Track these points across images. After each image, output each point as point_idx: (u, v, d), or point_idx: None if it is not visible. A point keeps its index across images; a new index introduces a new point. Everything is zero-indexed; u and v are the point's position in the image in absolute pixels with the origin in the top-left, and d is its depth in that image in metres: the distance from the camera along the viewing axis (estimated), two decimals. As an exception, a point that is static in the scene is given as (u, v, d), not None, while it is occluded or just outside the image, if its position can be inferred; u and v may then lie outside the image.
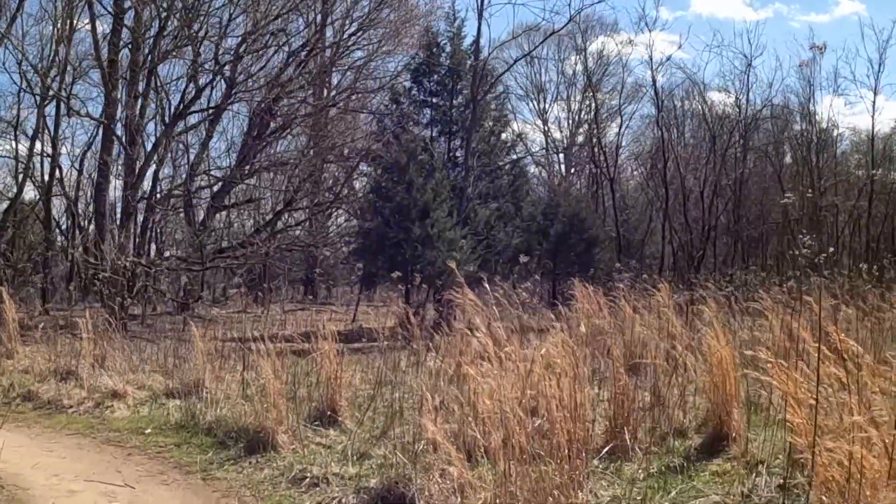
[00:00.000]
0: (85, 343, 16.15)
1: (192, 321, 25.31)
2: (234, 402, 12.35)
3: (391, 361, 16.70)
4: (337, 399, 11.46)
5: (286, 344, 15.64)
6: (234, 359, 16.77)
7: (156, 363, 16.62)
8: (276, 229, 33.21)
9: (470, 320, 18.81)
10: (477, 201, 29.41)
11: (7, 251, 25.03)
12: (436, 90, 31.91)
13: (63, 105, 28.10)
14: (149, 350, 18.74)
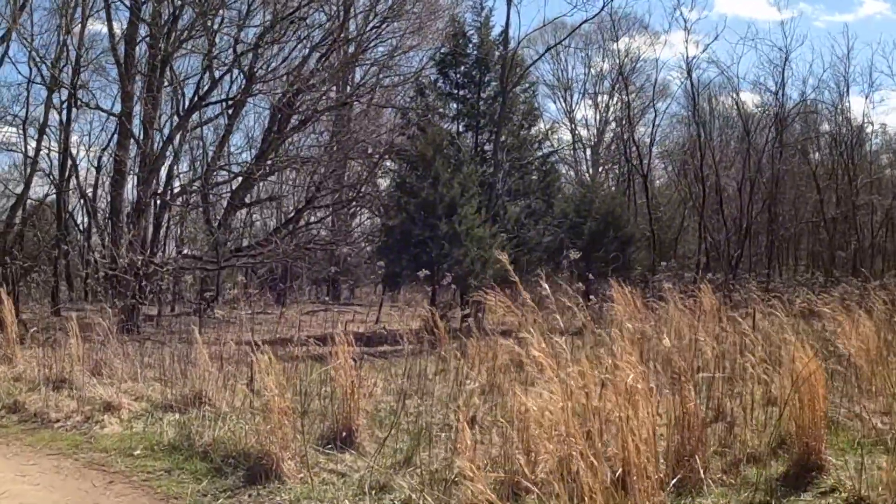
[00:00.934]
0: (74, 348, 14.48)
1: (209, 322, 24.07)
2: (238, 420, 10.72)
3: (416, 368, 15.18)
4: (354, 417, 9.78)
5: (303, 348, 14.14)
6: (244, 365, 15.27)
7: (159, 370, 14.99)
8: (297, 228, 31.66)
9: (501, 323, 17.22)
10: (506, 198, 27.76)
11: (13, 249, 23.47)
12: (462, 82, 30.29)
13: (75, 98, 26.45)
14: (155, 354, 17.14)
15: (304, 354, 14.61)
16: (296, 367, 13.50)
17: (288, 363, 14.20)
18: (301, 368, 13.46)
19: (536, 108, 34.04)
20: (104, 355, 15.51)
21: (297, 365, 13.68)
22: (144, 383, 13.85)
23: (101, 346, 15.68)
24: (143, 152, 24.70)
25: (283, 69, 28.81)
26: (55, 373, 14.16)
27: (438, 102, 30.76)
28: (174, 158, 26.56)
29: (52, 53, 27.02)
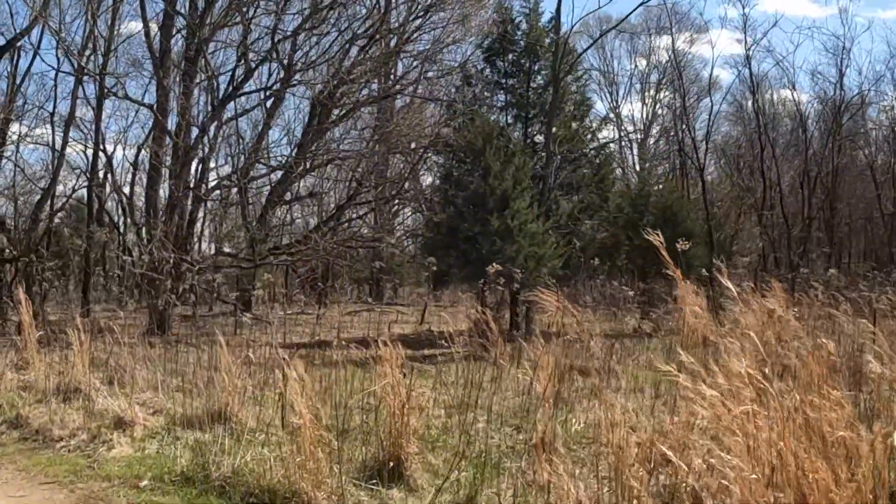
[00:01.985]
0: (79, 354, 12.77)
1: (246, 323, 22.41)
2: (265, 442, 8.96)
3: (468, 374, 13.38)
4: (403, 443, 7.93)
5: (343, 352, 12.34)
6: (278, 371, 13.57)
7: (184, 377, 13.24)
8: (338, 225, 29.98)
9: (554, 324, 15.30)
10: (558, 192, 25.89)
11: (39, 247, 21.86)
12: (511, 71, 28.48)
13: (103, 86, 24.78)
14: (182, 359, 15.43)
15: (344, 359, 12.90)
16: (334, 375, 11.79)
17: (325, 370, 12.56)
18: (341, 377, 11.75)
19: (588, 99, 32.18)
20: (125, 361, 13.84)
21: (335, 373, 11.95)
22: (165, 394, 12.13)
23: (123, 350, 14.04)
24: (176, 144, 23.02)
25: (322, 61, 27.07)
26: (66, 381, 12.43)
27: (485, 92, 28.89)
28: (209, 151, 24.81)
29: (79, 42, 25.43)
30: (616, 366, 14.75)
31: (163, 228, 21.48)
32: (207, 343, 19.13)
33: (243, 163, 26.20)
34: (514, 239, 20.08)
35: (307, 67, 26.52)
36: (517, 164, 21.37)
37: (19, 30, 24.59)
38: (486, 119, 22.87)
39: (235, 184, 25.63)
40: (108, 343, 14.23)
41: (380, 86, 30.88)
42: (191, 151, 23.36)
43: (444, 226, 21.29)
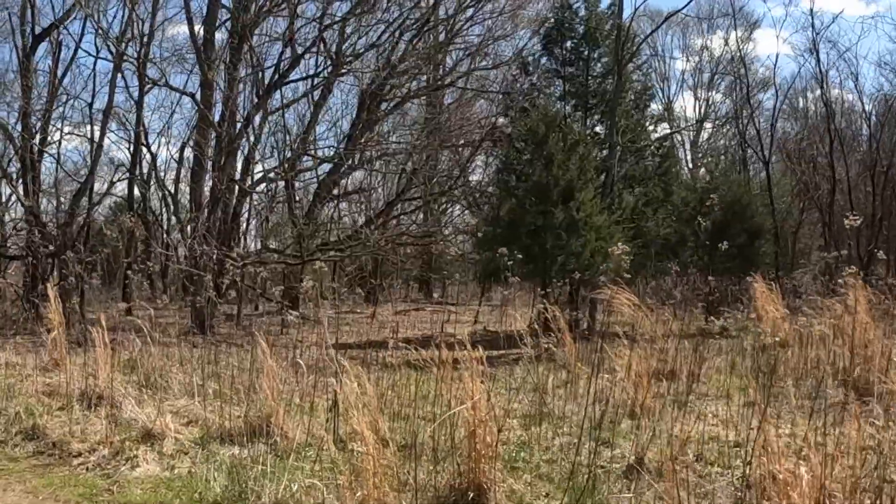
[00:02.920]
0: (102, 357, 11.30)
1: (293, 322, 21.05)
2: (314, 465, 7.44)
3: (537, 378, 12.25)
4: (486, 467, 6.33)
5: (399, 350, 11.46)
6: (329, 376, 12.15)
7: (223, 382, 11.75)
8: (387, 221, 28.53)
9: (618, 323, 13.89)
10: (620, 185, 24.19)
11: (76, 242, 20.45)
12: (569, 59, 26.76)
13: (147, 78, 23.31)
14: (224, 361, 13.97)
15: (401, 362, 11.40)
16: (392, 379, 10.36)
17: (382, 374, 11.88)
18: (401, 382, 10.31)
19: (650, 88, 30.44)
20: (161, 363, 12.38)
21: (392, 377, 10.50)
22: (202, 402, 10.59)
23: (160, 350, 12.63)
24: (220, 135, 21.59)
25: (371, 52, 25.75)
26: (92, 386, 10.93)
27: (543, 81, 27.26)
28: (254, 143, 23.40)
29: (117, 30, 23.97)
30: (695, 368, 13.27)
31: (204, 222, 20.08)
32: (251, 343, 17.75)
33: (290, 155, 24.75)
34: (579, 232, 18.48)
35: (355, 58, 25.06)
36: (581, 153, 19.75)
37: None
38: (549, 104, 21.19)
39: (282, 176, 24.18)
40: (144, 343, 12.76)
41: (428, 79, 29.46)
42: (235, 141, 21.93)
43: (504, 219, 19.71)
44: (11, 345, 16.40)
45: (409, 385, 11.30)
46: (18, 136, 21.47)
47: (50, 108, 23.65)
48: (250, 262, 21.45)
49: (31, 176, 21.05)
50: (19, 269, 25.39)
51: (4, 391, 11.37)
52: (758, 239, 24.68)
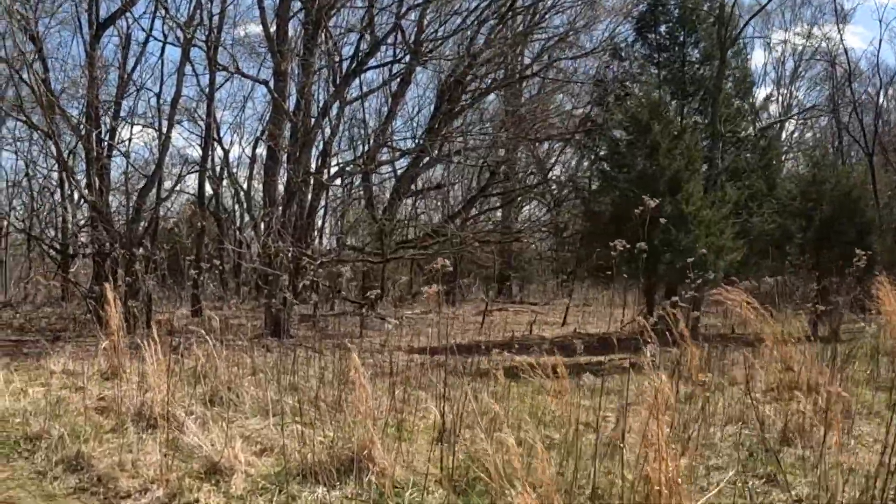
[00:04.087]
0: (155, 370, 9.55)
1: (372, 324, 20.34)
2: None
3: (652, 391, 9.83)
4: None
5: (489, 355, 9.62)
6: (425, 389, 11.00)
7: (303, 397, 10.01)
8: (467, 218, 26.83)
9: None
10: (722, 177, 22.10)
11: (143, 240, 18.89)
12: (664, 44, 24.64)
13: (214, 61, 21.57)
14: (303, 370, 12.22)
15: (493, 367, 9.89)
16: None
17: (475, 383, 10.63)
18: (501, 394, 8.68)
19: (750, 75, 28.23)
20: (230, 372, 10.65)
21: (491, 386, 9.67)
22: (279, 423, 8.78)
23: (230, 357, 10.94)
24: (295, 125, 19.91)
25: (450, 44, 24.21)
26: (150, 403, 9.19)
27: (636, 68, 25.23)
28: (331, 134, 21.74)
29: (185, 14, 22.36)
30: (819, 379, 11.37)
31: (279, 217, 18.42)
32: (331, 348, 16.05)
33: (368, 148, 23.07)
34: (688, 227, 16.50)
35: (435, 47, 23.30)
36: (688, 141, 17.75)
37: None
38: (651, 89, 19.16)
39: (361, 169, 22.46)
40: (212, 349, 11.06)
41: (507, 71, 27.66)
42: (312, 131, 20.25)
43: (604, 214, 17.78)
44: (71, 348, 14.76)
45: (513, 398, 9.62)
46: (84, 128, 19.91)
47: (119, 97, 22.07)
48: (330, 261, 19.78)
49: (95, 170, 19.47)
50: (85, 268, 24.08)
51: (52, 406, 9.69)
52: (868, 235, 22.47)
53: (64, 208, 24.39)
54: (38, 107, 18.50)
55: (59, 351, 14.41)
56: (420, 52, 22.91)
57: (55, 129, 18.67)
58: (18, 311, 20.45)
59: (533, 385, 9.83)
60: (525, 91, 30.44)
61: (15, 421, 9.32)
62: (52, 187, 28.41)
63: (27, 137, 28.65)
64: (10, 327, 18.98)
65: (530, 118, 25.77)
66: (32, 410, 9.57)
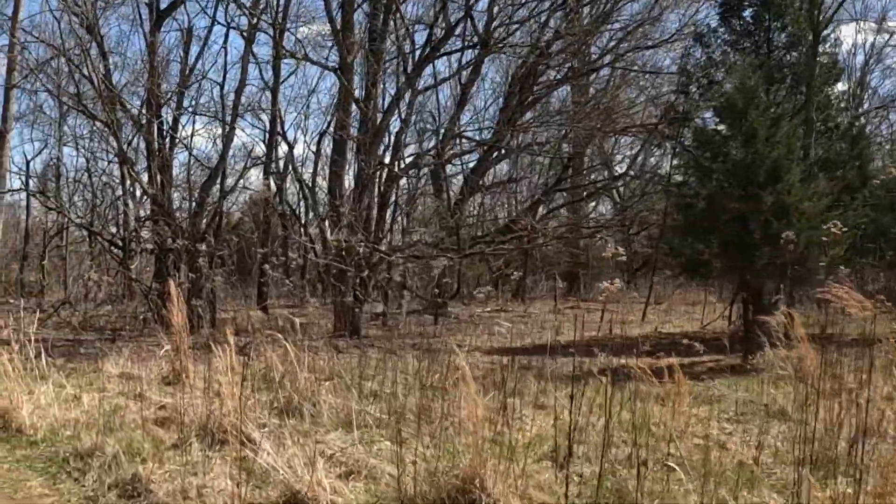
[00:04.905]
0: (226, 378, 8.31)
1: (446, 322, 19.53)
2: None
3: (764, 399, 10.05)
4: None
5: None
6: (521, 397, 9.91)
7: (388, 403, 8.81)
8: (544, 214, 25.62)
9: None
10: (815, 167, 20.66)
11: (206, 234, 17.78)
12: (749, 29, 23.22)
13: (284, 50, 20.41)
14: (381, 373, 11.00)
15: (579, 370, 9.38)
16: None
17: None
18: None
19: (840, 62, 26.74)
20: (304, 377, 9.43)
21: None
22: (364, 438, 7.53)
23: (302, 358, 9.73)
24: (364, 114, 18.72)
25: (521, 33, 23.16)
26: (217, 414, 7.98)
27: (718, 54, 23.84)
28: (402, 124, 20.53)
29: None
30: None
31: (351, 210, 17.25)
32: (406, 349, 14.88)
33: (438, 139, 21.84)
34: (790, 220, 15.06)
35: (508, 33, 22.00)
36: (786, 128, 16.28)
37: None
38: (747, 72, 17.73)
39: (437, 160, 21.25)
40: (283, 350, 9.89)
41: (578, 62, 26.25)
42: (385, 120, 19.08)
43: (697, 206, 16.36)
44: (131, 350, 13.59)
45: (610, 405, 8.37)
46: (144, 117, 18.88)
47: (181, 87, 20.97)
48: (406, 257, 18.59)
49: (157, 163, 18.39)
50: (146, 264, 23.09)
51: (107, 417, 8.51)
52: None
53: (125, 203, 23.43)
54: (99, 101, 17.57)
55: (117, 352, 13.35)
56: (490, 41, 21.66)
57: (115, 121, 17.61)
58: (77, 308, 19.41)
59: (629, 390, 8.53)
60: (594, 84, 29.13)
61: (65, 434, 8.16)
62: (113, 183, 27.60)
63: (88, 135, 28.17)
64: (69, 326, 17.97)
65: (605, 109, 24.37)
66: (85, 421, 8.41)
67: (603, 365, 13.28)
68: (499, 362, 13.91)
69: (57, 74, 21.02)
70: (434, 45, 19.99)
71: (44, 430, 8.22)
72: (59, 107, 28.10)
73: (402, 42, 21.18)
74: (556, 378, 11.41)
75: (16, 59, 23.63)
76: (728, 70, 22.26)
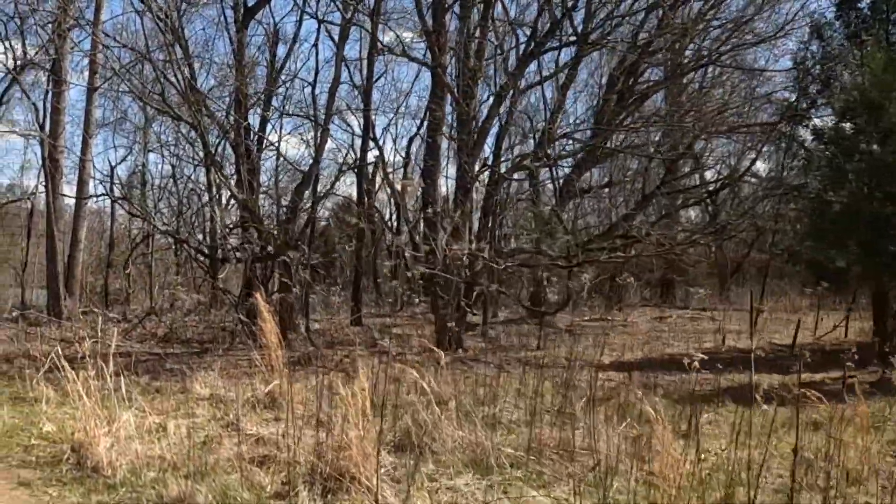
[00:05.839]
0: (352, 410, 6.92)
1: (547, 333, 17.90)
2: None
3: None
4: None
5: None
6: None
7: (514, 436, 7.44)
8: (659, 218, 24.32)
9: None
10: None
11: (298, 242, 16.53)
12: (867, 23, 21.52)
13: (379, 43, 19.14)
14: (500, 396, 9.61)
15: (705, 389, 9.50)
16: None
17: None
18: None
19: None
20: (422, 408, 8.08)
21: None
22: (501, 482, 6.11)
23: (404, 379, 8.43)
24: (466, 114, 17.42)
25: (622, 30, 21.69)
26: (328, 451, 6.59)
27: (837, 50, 22.13)
28: (504, 124, 19.24)
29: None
30: None
31: (454, 216, 15.95)
32: (511, 363, 13.50)
33: (538, 141, 20.47)
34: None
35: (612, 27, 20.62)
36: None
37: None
38: (877, 69, 16.07)
39: (545, 162, 19.90)
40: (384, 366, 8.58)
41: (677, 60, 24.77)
42: (490, 118, 17.83)
43: (830, 209, 14.78)
44: (220, 366, 12.31)
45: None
46: (233, 117, 17.68)
47: (270, 87, 19.75)
48: (515, 265, 17.27)
49: (246, 165, 17.16)
50: (235, 273, 21.95)
51: (196, 453, 7.15)
52: None
53: (212, 209, 22.37)
54: (184, 105, 16.45)
55: (205, 368, 12.10)
56: (588, 39, 20.31)
57: (202, 122, 16.43)
58: (163, 319, 18.27)
59: (767, 416, 7.41)
60: (696, 81, 27.62)
61: (148, 476, 6.78)
62: (199, 189, 26.71)
63: (173, 141, 27.47)
64: (154, 338, 16.84)
65: (718, 108, 22.90)
66: (172, 459, 7.05)
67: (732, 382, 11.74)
68: (616, 378, 12.61)
69: (140, 75, 20.13)
70: (538, 40, 18.67)
71: (124, 471, 6.87)
72: (143, 111, 27.44)
73: (501, 40, 19.96)
74: (685, 398, 10.02)
75: (98, 62, 22.74)
76: (850, 64, 20.62)
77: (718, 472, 6.71)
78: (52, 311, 20.91)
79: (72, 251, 23.91)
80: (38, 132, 23.61)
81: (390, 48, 19.03)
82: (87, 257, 28.62)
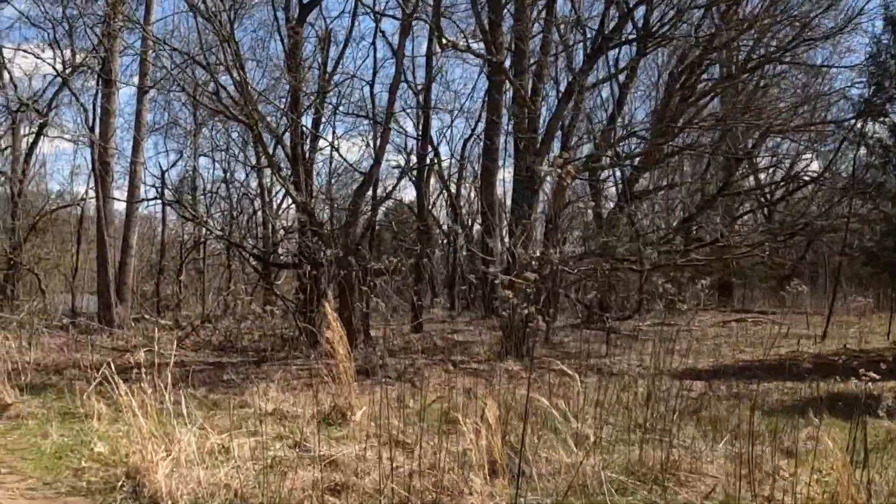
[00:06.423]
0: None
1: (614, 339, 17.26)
2: None
3: None
4: None
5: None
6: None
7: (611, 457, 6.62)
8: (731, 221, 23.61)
9: None
10: None
11: (359, 246, 15.84)
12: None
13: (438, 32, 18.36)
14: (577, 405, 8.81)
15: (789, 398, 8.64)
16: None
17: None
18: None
19: None
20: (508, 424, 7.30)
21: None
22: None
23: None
24: (532, 112, 16.68)
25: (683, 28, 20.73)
26: (407, 477, 5.78)
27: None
28: (570, 123, 18.51)
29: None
30: None
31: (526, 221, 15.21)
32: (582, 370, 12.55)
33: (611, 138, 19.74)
34: None
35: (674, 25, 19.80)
36: None
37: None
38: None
39: (615, 162, 19.16)
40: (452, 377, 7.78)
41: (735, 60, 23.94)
42: (558, 116, 17.08)
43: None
44: (282, 377, 11.51)
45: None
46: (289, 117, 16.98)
47: (324, 87, 18.95)
48: (586, 269, 16.50)
49: (302, 166, 16.46)
50: (292, 279, 21.22)
51: (265, 479, 6.33)
52: None
53: (265, 213, 21.73)
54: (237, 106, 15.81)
55: (263, 378, 11.35)
56: (648, 36, 19.51)
57: (256, 122, 15.72)
58: (217, 326, 17.57)
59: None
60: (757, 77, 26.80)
61: (213, 509, 5.96)
62: (251, 194, 26.13)
63: (224, 145, 26.98)
64: (209, 346, 16.14)
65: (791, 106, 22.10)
66: (239, 489, 6.19)
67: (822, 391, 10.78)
68: (695, 387, 11.74)
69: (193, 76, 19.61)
70: (606, 35, 17.84)
71: (185, 502, 6.05)
72: (194, 116, 26.95)
73: (565, 38, 19.21)
74: (774, 409, 9.19)
75: (149, 62, 22.22)
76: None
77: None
78: (103, 319, 20.42)
79: (123, 257, 23.43)
80: (88, 134, 23.07)
81: (454, 43, 18.20)
82: (138, 263, 28.19)
